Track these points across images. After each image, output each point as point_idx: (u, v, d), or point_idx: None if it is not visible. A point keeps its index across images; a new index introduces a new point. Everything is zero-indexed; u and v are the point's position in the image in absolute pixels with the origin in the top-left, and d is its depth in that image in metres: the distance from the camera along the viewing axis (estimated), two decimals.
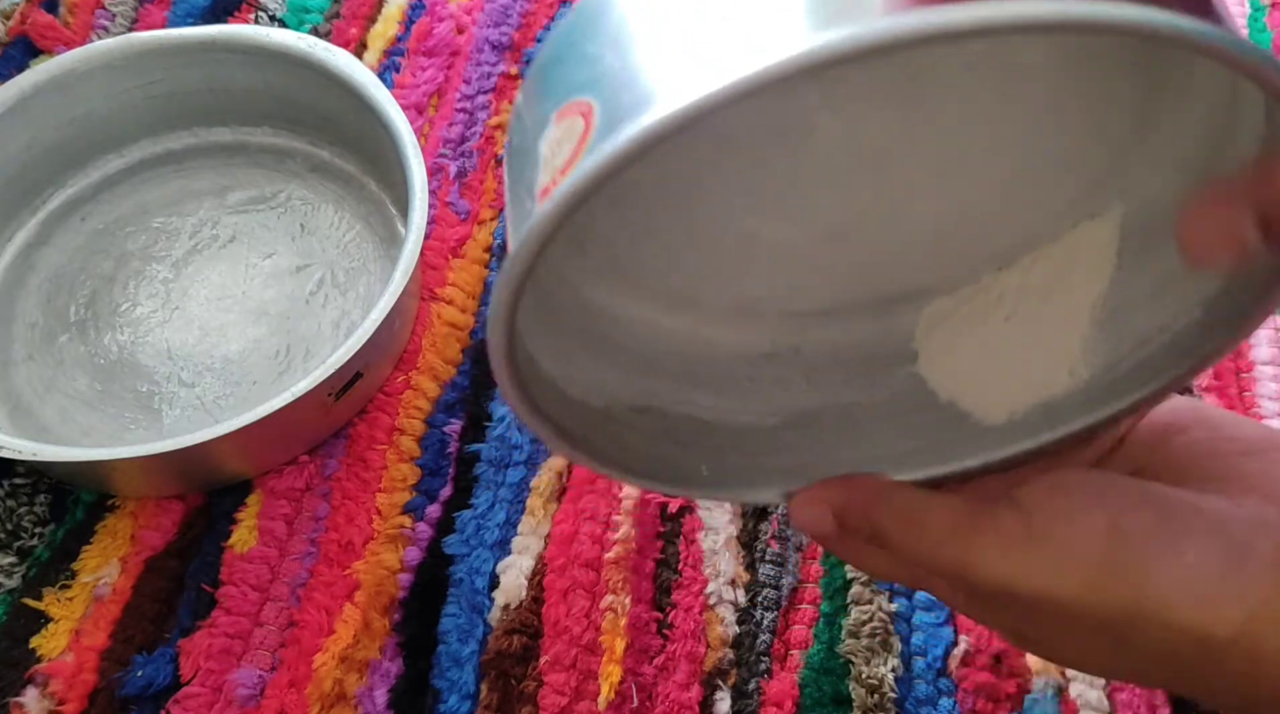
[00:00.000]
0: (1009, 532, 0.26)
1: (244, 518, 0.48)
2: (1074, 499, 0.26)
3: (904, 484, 0.29)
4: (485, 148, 0.59)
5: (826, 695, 0.43)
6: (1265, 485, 0.26)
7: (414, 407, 0.51)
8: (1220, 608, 0.24)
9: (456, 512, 0.48)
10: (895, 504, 0.28)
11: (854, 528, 0.29)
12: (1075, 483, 0.27)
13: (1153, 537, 0.25)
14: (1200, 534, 0.25)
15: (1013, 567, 0.26)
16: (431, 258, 0.55)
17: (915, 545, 0.27)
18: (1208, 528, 0.25)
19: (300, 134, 0.59)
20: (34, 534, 0.48)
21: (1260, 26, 0.62)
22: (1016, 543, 0.26)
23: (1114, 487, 0.27)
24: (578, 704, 0.43)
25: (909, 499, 0.28)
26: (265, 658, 0.45)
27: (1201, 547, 0.25)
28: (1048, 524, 0.26)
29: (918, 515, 0.28)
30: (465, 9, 0.64)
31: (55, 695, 0.44)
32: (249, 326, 0.53)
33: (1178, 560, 0.25)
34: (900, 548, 0.28)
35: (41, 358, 0.52)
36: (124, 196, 0.58)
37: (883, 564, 0.30)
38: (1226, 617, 0.24)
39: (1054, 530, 0.26)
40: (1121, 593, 0.25)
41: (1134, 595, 0.25)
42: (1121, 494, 0.26)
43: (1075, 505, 0.26)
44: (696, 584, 0.45)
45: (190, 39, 0.56)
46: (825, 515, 0.29)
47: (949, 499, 0.28)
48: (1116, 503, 0.26)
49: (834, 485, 0.30)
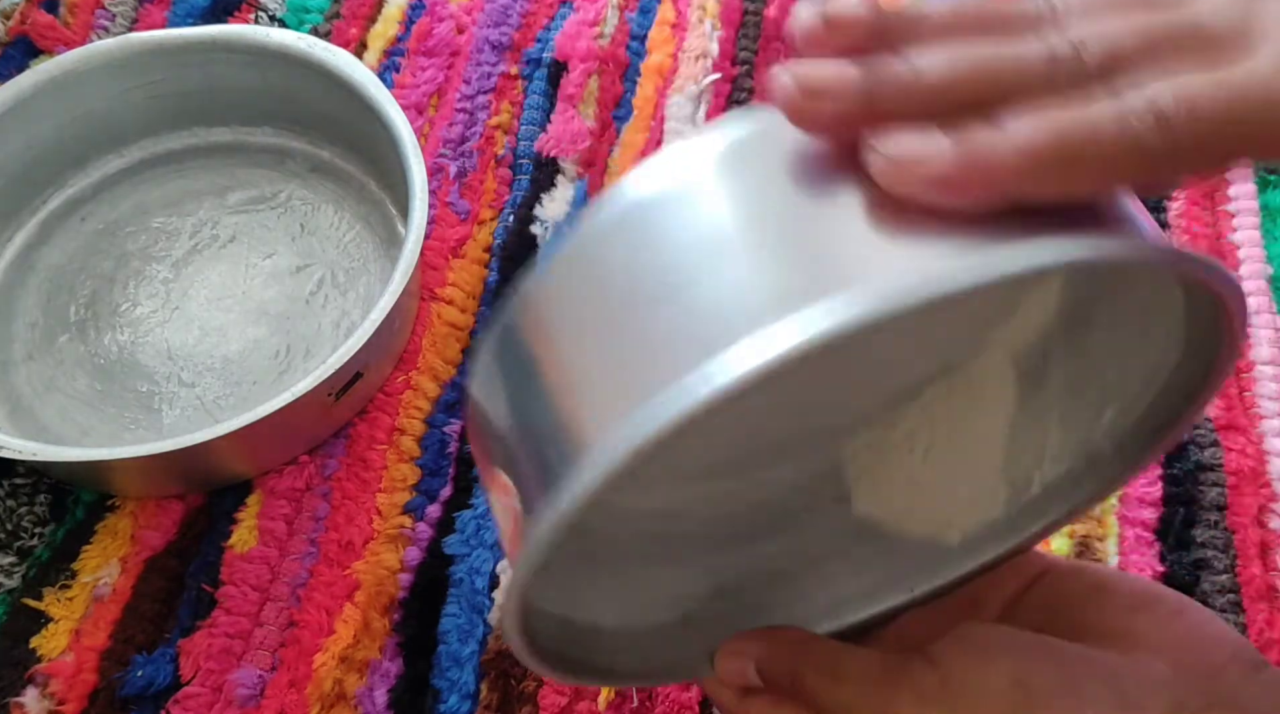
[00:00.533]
0: (924, 685, 0.28)
1: (244, 518, 0.48)
2: (981, 651, 0.28)
3: (823, 637, 0.31)
4: (485, 148, 0.59)
5: None
6: (1152, 641, 0.28)
7: (414, 407, 0.51)
8: None
9: (456, 512, 0.48)
10: (817, 655, 0.30)
11: (774, 679, 0.30)
12: (982, 636, 0.29)
13: (1055, 690, 0.27)
14: (1098, 689, 0.27)
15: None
16: (431, 258, 0.55)
17: (836, 696, 0.29)
18: (1104, 682, 0.27)
19: (300, 134, 0.59)
20: (34, 534, 0.48)
21: None
22: (931, 696, 0.27)
23: (1017, 641, 0.28)
24: (578, 704, 0.43)
25: (830, 651, 0.30)
26: (265, 658, 0.45)
27: (1099, 702, 0.26)
28: (959, 676, 0.27)
29: (839, 667, 0.29)
30: (465, 9, 0.64)
31: (55, 695, 0.44)
32: (249, 326, 0.53)
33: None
34: (819, 698, 0.29)
35: (41, 358, 0.52)
36: (124, 196, 0.58)
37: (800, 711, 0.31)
38: None
39: (965, 682, 0.27)
40: None
41: None
42: (1024, 647, 0.28)
43: (983, 657, 0.28)
44: None
45: (190, 39, 0.56)
46: (746, 668, 0.30)
47: (868, 652, 0.29)
48: (1022, 656, 0.28)
49: (755, 637, 0.31)
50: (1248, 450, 0.48)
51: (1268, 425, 0.49)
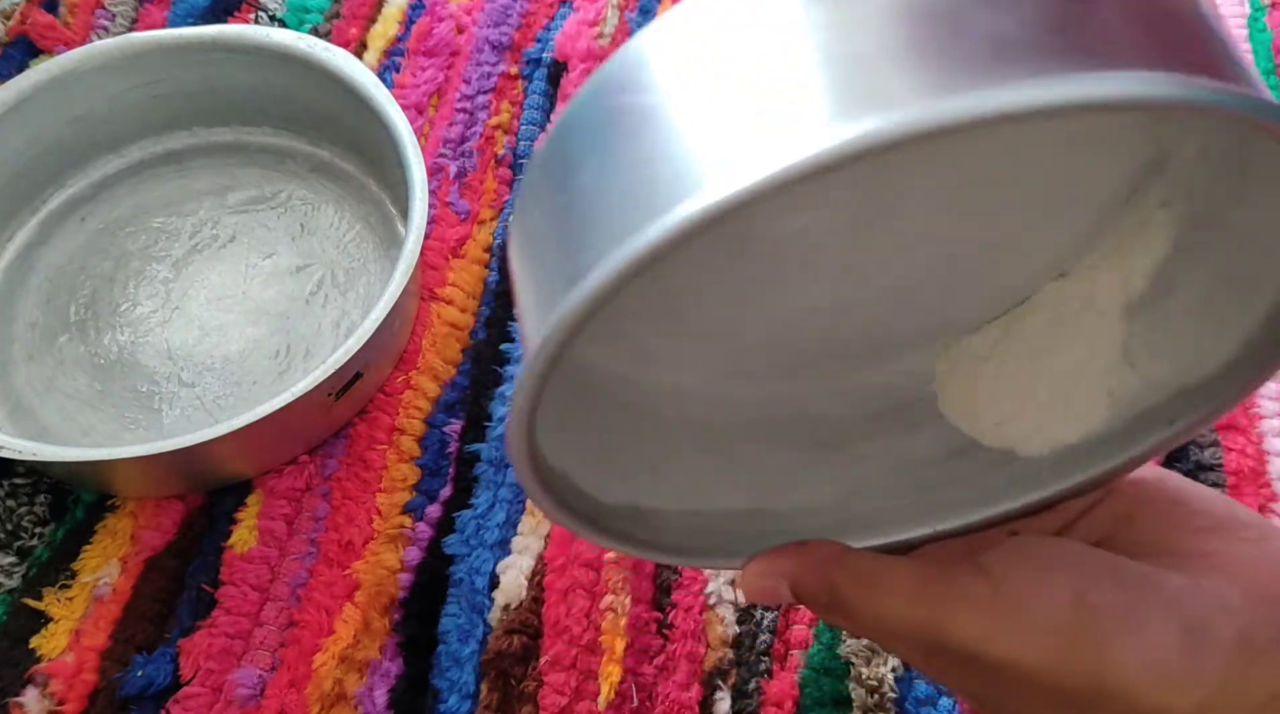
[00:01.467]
0: (976, 596, 0.26)
1: (244, 518, 0.48)
2: (1041, 567, 0.26)
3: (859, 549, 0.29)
4: (485, 148, 0.59)
5: (826, 695, 0.43)
6: (1227, 565, 0.26)
7: (414, 407, 0.51)
8: (1179, 689, 0.25)
9: (456, 512, 0.48)
10: (853, 568, 0.28)
11: (811, 596, 0.29)
12: (1042, 550, 0.27)
13: (1115, 612, 0.25)
14: (1161, 612, 0.25)
15: (980, 631, 0.26)
16: (431, 258, 0.55)
17: (877, 609, 0.27)
18: (1168, 606, 0.25)
19: (300, 134, 0.59)
20: (34, 534, 0.48)
21: (1260, 26, 0.62)
22: (983, 607, 0.26)
23: (1079, 557, 0.27)
24: (578, 704, 0.43)
25: (868, 563, 0.28)
26: (265, 658, 0.45)
27: (1162, 625, 0.25)
28: (1015, 590, 0.26)
29: (879, 579, 0.27)
30: (465, 9, 0.64)
31: (55, 695, 0.44)
32: (249, 326, 0.53)
33: (1139, 638, 0.25)
34: (861, 612, 0.28)
35: (41, 358, 0.52)
36: (124, 196, 0.58)
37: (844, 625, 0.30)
38: (1185, 698, 0.25)
39: (1021, 597, 0.26)
40: (1084, 666, 0.25)
41: (1096, 670, 0.25)
42: (1087, 565, 0.26)
43: (1042, 574, 0.26)
44: (696, 584, 0.45)
45: (190, 39, 0.56)
46: (779, 586, 0.29)
47: (910, 563, 0.28)
48: (1082, 574, 0.26)
49: (786, 553, 0.29)
50: (1248, 450, 0.48)
51: (1268, 425, 0.49)
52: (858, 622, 0.28)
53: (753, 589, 0.30)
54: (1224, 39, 0.20)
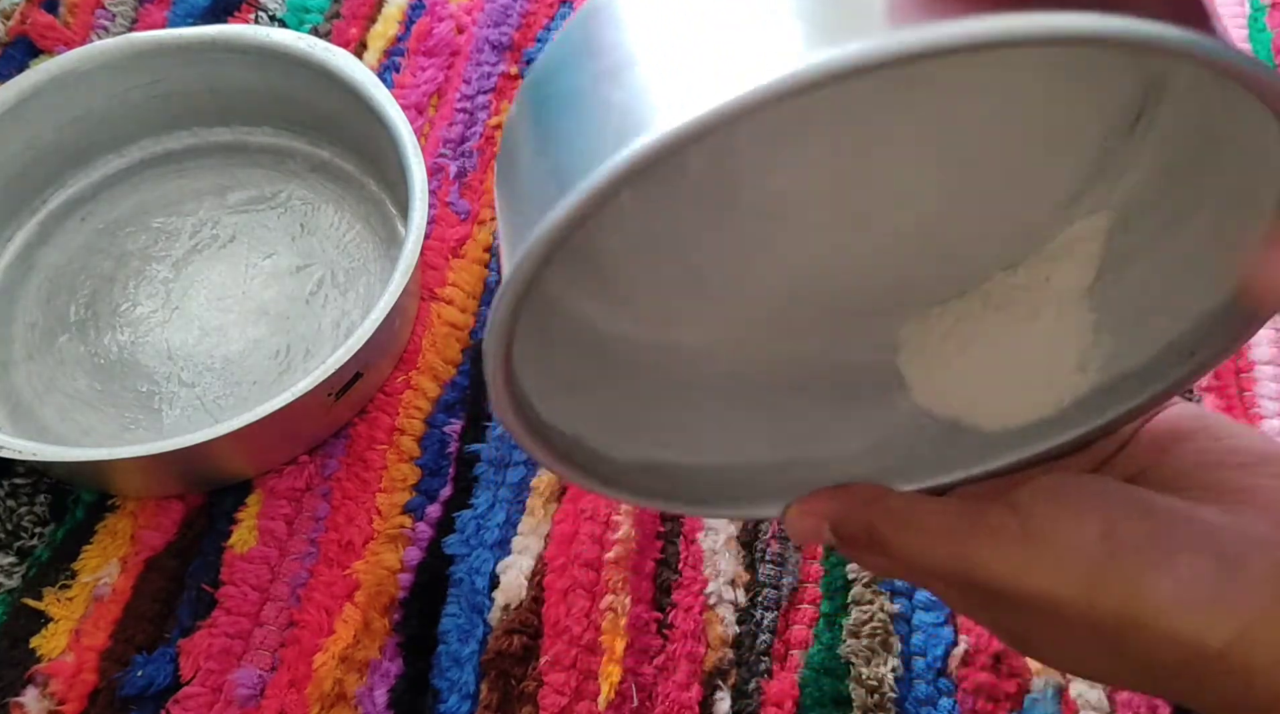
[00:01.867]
0: (1005, 532, 0.26)
1: (244, 518, 0.48)
2: (1070, 503, 0.26)
3: (896, 491, 0.29)
4: (485, 148, 0.59)
5: (826, 695, 0.43)
6: (1262, 499, 0.26)
7: (414, 407, 0.51)
8: (1212, 620, 0.25)
9: (456, 512, 0.48)
10: (890, 509, 0.28)
11: (850, 536, 0.29)
12: (1071, 486, 0.27)
13: (1147, 545, 0.25)
14: (1194, 545, 0.25)
15: (1009, 566, 0.26)
16: (431, 258, 0.55)
17: (911, 547, 0.28)
18: (1201, 539, 0.25)
19: (300, 134, 0.59)
20: (34, 534, 0.48)
21: (1260, 26, 0.62)
22: (1013, 543, 0.26)
23: (1109, 492, 0.27)
24: (578, 704, 0.43)
25: (904, 503, 0.28)
26: (265, 658, 0.45)
27: (1195, 558, 0.25)
28: (1043, 526, 0.26)
29: (914, 518, 0.28)
30: (465, 9, 0.64)
31: (55, 695, 0.44)
32: (249, 326, 0.53)
33: (1171, 570, 0.25)
34: (897, 551, 0.28)
35: (41, 358, 0.52)
36: (124, 196, 0.58)
37: (882, 565, 0.30)
38: (1218, 629, 0.25)
39: (1050, 532, 0.26)
40: (1115, 599, 0.25)
41: (1127, 602, 0.25)
42: (1117, 500, 0.26)
43: (1071, 509, 0.26)
44: (696, 584, 0.45)
45: (190, 39, 0.56)
46: (821, 526, 0.30)
47: (944, 502, 0.28)
48: (1111, 509, 0.26)
49: (827, 496, 0.30)
50: None
51: (1268, 425, 0.49)
52: (895, 560, 0.28)
53: (796, 529, 0.30)
54: None
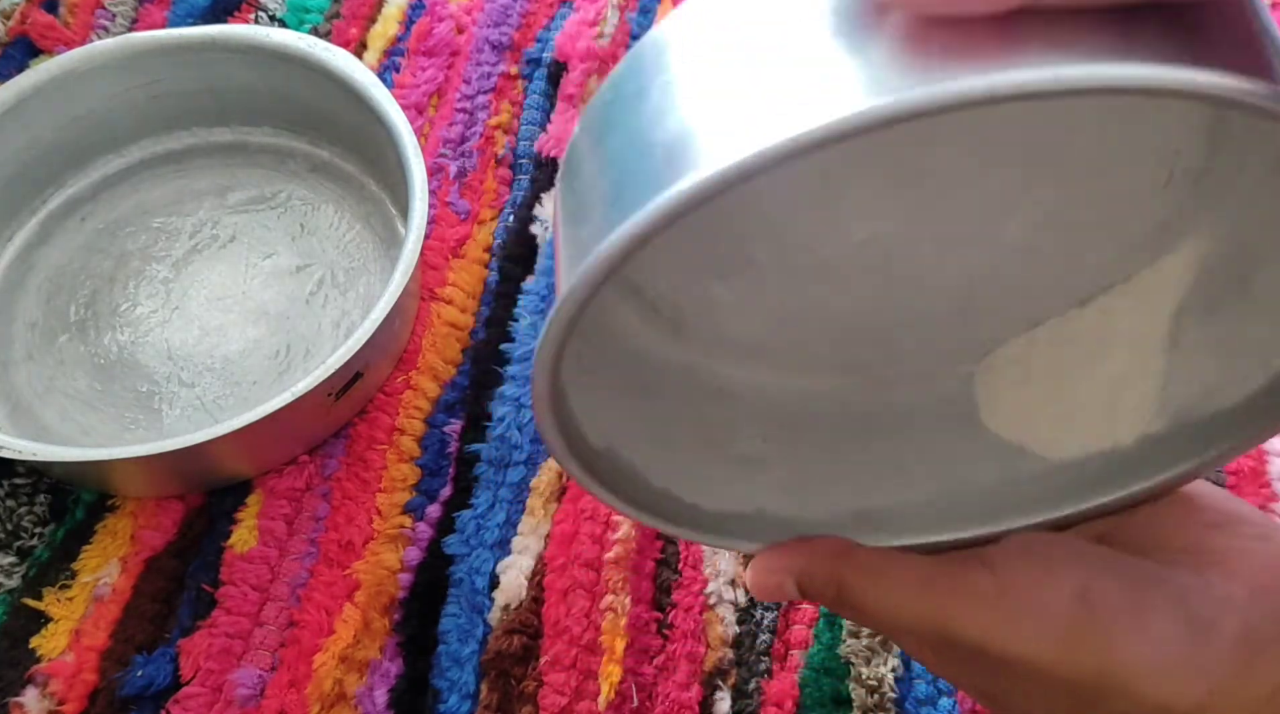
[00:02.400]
0: (981, 590, 0.26)
1: (244, 518, 0.48)
2: (1044, 562, 0.27)
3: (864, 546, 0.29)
4: (485, 148, 0.59)
5: (826, 695, 0.43)
6: (1230, 561, 0.26)
7: (414, 407, 0.51)
8: (1183, 683, 0.25)
9: (456, 512, 0.48)
10: (860, 563, 0.28)
11: (817, 592, 0.29)
12: (1044, 546, 0.27)
13: (1119, 607, 0.26)
14: (1165, 607, 0.25)
15: (984, 626, 0.26)
16: (431, 258, 0.55)
17: (881, 602, 0.28)
18: (1172, 601, 0.25)
19: (300, 134, 0.59)
20: (34, 534, 0.48)
21: None
22: (986, 602, 0.26)
23: (1082, 552, 0.27)
24: (578, 704, 0.43)
25: (875, 557, 0.28)
26: (265, 658, 0.45)
27: (1166, 620, 0.25)
28: (1019, 585, 0.26)
29: (885, 573, 0.28)
30: (465, 9, 0.64)
31: (55, 695, 0.44)
32: (249, 327, 0.53)
33: (1143, 633, 0.25)
34: (866, 606, 0.28)
35: (41, 358, 0.52)
36: (124, 196, 0.58)
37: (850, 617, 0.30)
38: (1189, 692, 0.25)
39: (1025, 591, 0.26)
40: (1088, 660, 0.25)
41: (1100, 664, 0.25)
42: (1089, 560, 0.27)
43: (1047, 568, 0.26)
44: (696, 584, 0.45)
45: (190, 39, 0.56)
46: (785, 582, 0.29)
47: (917, 557, 0.28)
48: (1085, 569, 0.26)
49: (793, 549, 0.30)
50: None
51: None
52: (865, 616, 0.28)
53: (758, 585, 0.30)
54: None
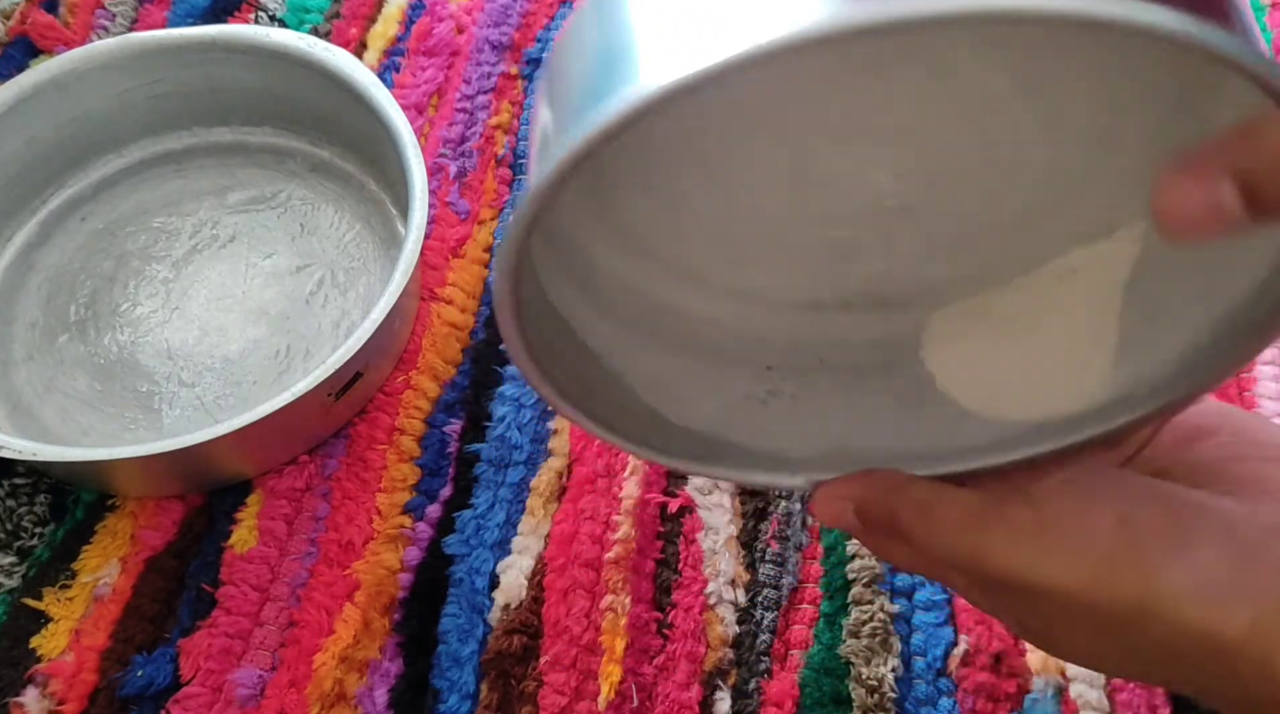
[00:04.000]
0: (1019, 524, 0.27)
1: (244, 518, 0.48)
2: (1085, 494, 0.27)
3: (921, 479, 0.29)
4: (485, 148, 0.59)
5: (826, 695, 0.43)
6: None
7: (414, 407, 0.51)
8: (1229, 609, 0.24)
9: (456, 512, 0.48)
10: (912, 497, 0.29)
11: (873, 521, 0.30)
12: (1088, 478, 0.27)
13: (1162, 534, 0.25)
14: (1211, 534, 0.25)
15: (1022, 558, 0.26)
16: (431, 258, 0.55)
17: (929, 537, 0.28)
18: (1218, 528, 0.25)
19: (300, 134, 0.59)
20: (34, 534, 0.48)
21: (1260, 26, 0.62)
22: (1026, 535, 0.26)
23: (1125, 484, 0.27)
24: (578, 704, 0.43)
25: (925, 492, 0.29)
26: (265, 658, 0.45)
27: (1211, 547, 0.25)
28: (1058, 517, 0.26)
29: (932, 508, 0.28)
30: (465, 9, 0.64)
31: (55, 695, 0.44)
32: (249, 326, 0.53)
33: (1187, 559, 0.25)
34: (916, 540, 0.28)
35: (41, 358, 0.52)
36: (124, 196, 0.58)
37: (904, 556, 0.30)
38: (1235, 618, 0.24)
39: (1063, 523, 0.26)
40: (1129, 588, 0.25)
41: (1141, 591, 0.25)
42: (1132, 491, 0.27)
43: (1086, 500, 0.26)
44: (696, 584, 0.45)
45: (190, 39, 0.56)
46: (846, 510, 0.30)
47: (963, 493, 0.28)
48: (1127, 499, 0.26)
49: (853, 480, 0.30)
50: None
51: None
52: (914, 549, 0.29)
53: (823, 511, 0.31)
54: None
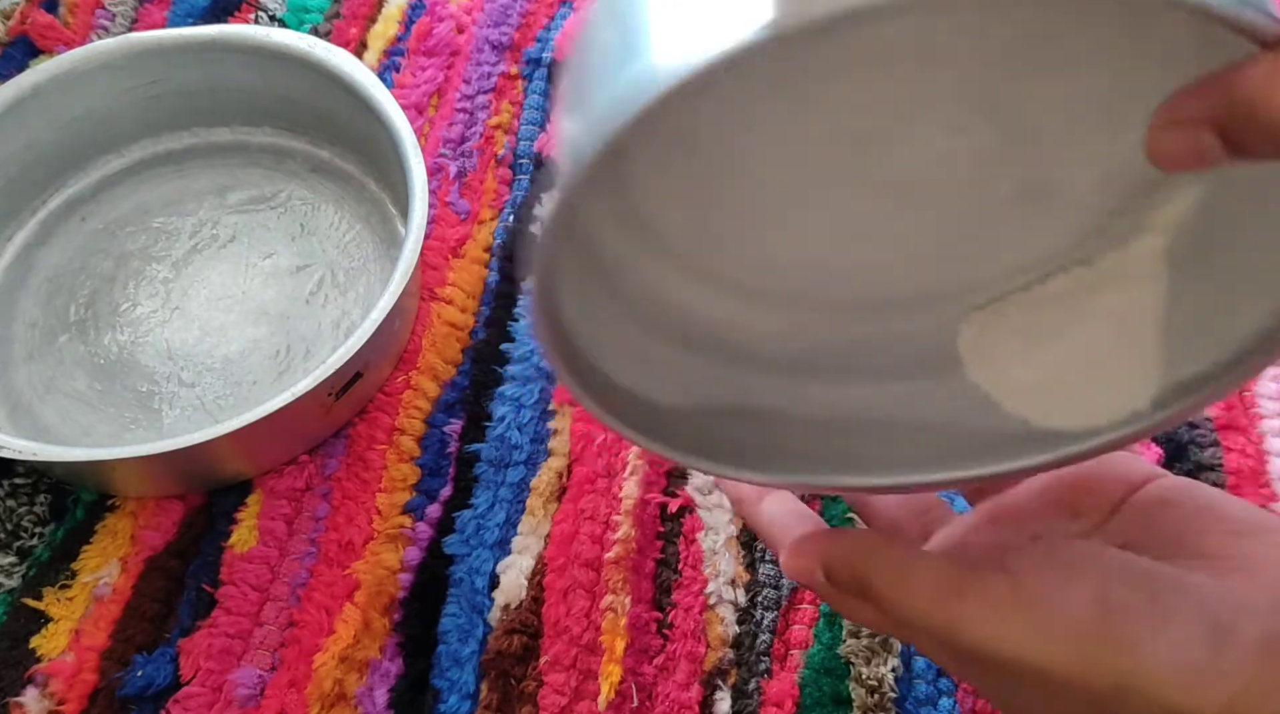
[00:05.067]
0: (997, 596, 0.26)
1: (244, 518, 0.48)
2: (1063, 567, 0.26)
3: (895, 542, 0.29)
4: (485, 148, 0.59)
5: (826, 695, 0.43)
6: (1252, 566, 0.26)
7: (414, 407, 0.51)
8: (1204, 689, 0.25)
9: (456, 511, 0.48)
10: (884, 560, 0.28)
11: (842, 582, 0.29)
12: (1065, 552, 0.27)
13: (1140, 611, 0.25)
14: (1186, 612, 0.25)
15: (999, 631, 0.26)
16: (431, 258, 0.55)
17: (901, 603, 0.28)
18: (1193, 606, 0.25)
19: (300, 134, 0.59)
20: (34, 534, 0.48)
21: None
22: (1004, 608, 0.26)
23: (1103, 558, 0.27)
24: (578, 704, 0.43)
25: (898, 556, 0.28)
26: (265, 658, 0.45)
27: (1186, 625, 0.25)
28: (1035, 590, 0.26)
29: (905, 573, 0.28)
30: (465, 9, 0.64)
31: (55, 695, 0.44)
32: (249, 326, 0.53)
33: (1164, 638, 0.25)
34: (887, 607, 0.28)
35: (41, 358, 0.52)
36: (124, 196, 0.58)
37: (870, 618, 0.30)
38: (1210, 697, 0.24)
39: (1042, 597, 0.26)
40: (1108, 666, 0.25)
41: (1120, 669, 0.25)
42: (1110, 565, 0.27)
43: (1064, 573, 0.26)
44: (696, 584, 0.45)
45: (190, 39, 0.56)
46: (814, 568, 0.30)
47: (937, 560, 0.28)
48: (1105, 573, 0.26)
49: (823, 538, 0.30)
50: (1248, 450, 0.48)
51: (1268, 425, 0.49)
52: (884, 615, 0.28)
53: (790, 567, 0.31)
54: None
